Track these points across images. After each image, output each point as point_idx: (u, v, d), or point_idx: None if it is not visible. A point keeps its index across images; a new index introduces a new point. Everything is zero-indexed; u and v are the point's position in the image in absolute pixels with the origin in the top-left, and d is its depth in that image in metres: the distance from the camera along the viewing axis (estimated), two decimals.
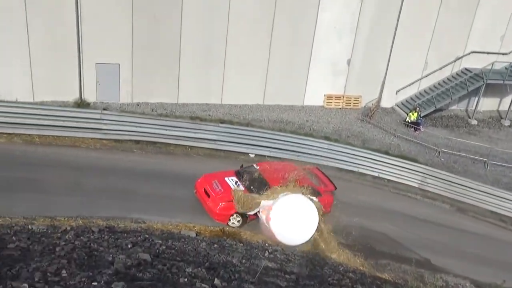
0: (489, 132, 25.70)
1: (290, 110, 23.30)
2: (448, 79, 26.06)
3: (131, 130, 18.10)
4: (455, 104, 26.91)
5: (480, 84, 25.30)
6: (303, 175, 15.42)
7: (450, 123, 25.88)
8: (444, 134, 23.82)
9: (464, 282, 15.23)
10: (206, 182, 15.07)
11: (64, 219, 12.55)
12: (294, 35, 22.60)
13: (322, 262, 13.27)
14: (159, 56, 20.93)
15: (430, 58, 25.50)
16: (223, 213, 14.38)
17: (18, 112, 17.19)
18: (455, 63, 26.06)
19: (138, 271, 8.42)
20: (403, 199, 19.11)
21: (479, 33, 25.53)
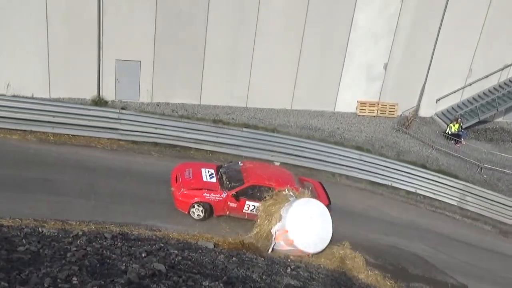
0: None
1: (320, 116, 23.25)
2: (494, 88, 25.70)
3: (150, 131, 18.26)
4: (501, 116, 26.47)
5: None
6: (291, 183, 15.10)
7: (495, 137, 25.49)
8: (487, 149, 23.48)
9: None
10: (180, 169, 15.28)
11: (76, 223, 12.70)
12: (327, 36, 22.57)
13: (349, 283, 13.15)
14: (182, 54, 21.15)
15: (475, 65, 25.12)
16: (184, 200, 14.42)
17: (33, 109, 17.51)
18: (503, 71, 25.65)
19: (152, 282, 8.50)
20: (440, 217, 18.83)
21: None
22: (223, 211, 14.80)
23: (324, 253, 14.64)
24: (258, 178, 14.90)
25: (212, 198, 14.51)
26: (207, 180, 14.93)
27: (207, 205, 14.53)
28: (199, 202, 14.47)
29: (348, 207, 17.44)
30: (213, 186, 14.74)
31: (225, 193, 14.54)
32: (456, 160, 22.21)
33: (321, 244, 14.17)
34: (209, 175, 15.14)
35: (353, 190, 19.02)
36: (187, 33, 20.90)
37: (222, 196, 14.51)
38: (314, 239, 14.05)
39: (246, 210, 14.73)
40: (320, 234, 14.15)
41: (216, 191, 14.58)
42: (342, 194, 18.30)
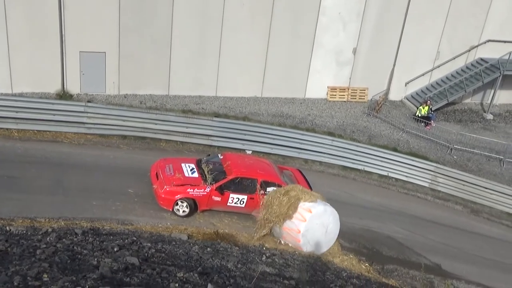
0: (506, 128, 25.80)
1: (290, 103, 23.35)
2: (462, 70, 26.11)
3: (118, 124, 18.09)
4: (469, 97, 27.00)
5: (496, 76, 25.37)
6: (273, 173, 15.39)
7: (463, 118, 25.97)
8: (457, 130, 23.85)
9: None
10: (159, 166, 15.14)
11: (45, 220, 12.54)
12: (295, 22, 22.62)
13: (324, 267, 13.33)
14: (149, 44, 20.92)
15: (442, 47, 25.55)
16: (167, 197, 14.27)
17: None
18: (469, 53, 26.12)
19: (125, 275, 8.48)
20: (412, 199, 19.17)
21: (496, 21, 25.60)
22: (208, 206, 14.77)
23: None
24: (240, 170, 14.93)
25: (196, 194, 14.39)
26: (189, 175, 14.78)
27: (191, 201, 14.46)
28: (183, 198, 14.36)
29: (321, 193, 17.61)
30: (196, 181, 14.60)
31: (209, 187, 14.44)
32: (426, 142, 22.60)
33: (324, 246, 14.60)
34: (191, 170, 15.00)
35: (326, 175, 19.21)
36: (153, 23, 20.65)
37: (206, 191, 14.42)
38: (319, 243, 14.43)
39: (230, 203, 14.78)
40: (326, 239, 14.57)
41: (199, 186, 14.44)
42: (315, 180, 18.40)
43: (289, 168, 17.20)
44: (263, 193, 14.77)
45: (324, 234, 14.36)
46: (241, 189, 14.72)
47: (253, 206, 14.89)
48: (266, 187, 14.82)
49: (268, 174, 15.26)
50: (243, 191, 14.72)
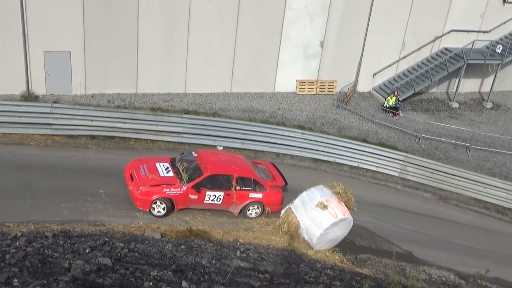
0: (471, 115, 26.38)
1: (260, 98, 23.41)
2: (427, 60, 26.60)
3: (86, 124, 17.87)
4: (435, 86, 27.53)
5: (460, 65, 25.90)
6: (248, 168, 15.51)
7: (430, 107, 26.43)
8: (424, 119, 24.22)
9: (448, 274, 15.62)
10: (134, 166, 14.99)
11: (14, 225, 12.29)
12: (262, 16, 22.65)
13: (298, 260, 13.46)
14: (115, 42, 20.66)
15: (408, 38, 25.95)
16: (144, 198, 14.13)
17: None
18: (434, 43, 26.61)
19: (98, 276, 8.41)
20: (383, 189, 19.46)
21: (459, 11, 26.12)
22: (185, 205, 14.70)
23: (275, 233, 14.97)
24: (216, 167, 14.93)
25: (172, 193, 14.29)
26: (165, 175, 14.65)
27: (168, 200, 14.37)
28: (160, 198, 14.25)
29: (293, 186, 17.69)
30: (171, 180, 14.49)
31: (185, 186, 14.37)
32: (395, 132, 22.95)
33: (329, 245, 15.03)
34: (166, 170, 14.86)
35: (298, 169, 19.31)
36: (118, 21, 20.41)
37: (182, 190, 14.34)
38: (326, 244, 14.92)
39: (207, 200, 14.73)
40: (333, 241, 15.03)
41: (175, 185, 14.34)
42: (287, 173, 18.49)
43: (263, 162, 17.30)
44: (239, 189, 14.84)
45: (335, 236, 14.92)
46: (217, 186, 14.70)
47: (230, 202, 14.95)
48: (242, 183, 14.89)
49: (243, 169, 15.32)
50: (220, 188, 14.71)
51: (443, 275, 15.54)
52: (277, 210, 15.69)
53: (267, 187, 15.41)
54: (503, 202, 20.12)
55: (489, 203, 20.19)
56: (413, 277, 14.06)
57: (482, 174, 20.56)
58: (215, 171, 14.76)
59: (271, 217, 15.65)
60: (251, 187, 15.13)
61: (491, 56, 26.37)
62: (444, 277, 15.45)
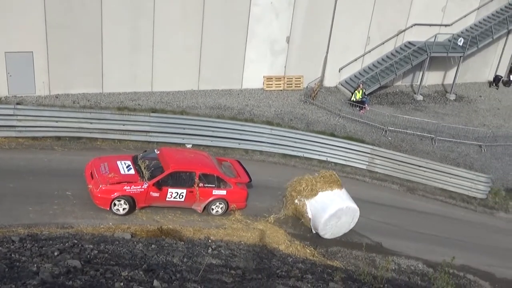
0: (435, 107, 26.92)
1: (228, 95, 23.39)
2: (391, 54, 27.07)
3: (51, 125, 17.53)
4: (400, 80, 28.03)
5: (423, 58, 26.45)
6: (211, 165, 15.45)
7: (395, 100, 26.85)
8: (390, 112, 24.60)
9: (417, 263, 15.97)
10: (94, 165, 14.80)
11: None
12: (228, 13, 22.63)
13: (270, 255, 13.54)
14: (78, 41, 20.34)
15: (372, 33, 26.34)
16: (104, 196, 13.94)
17: None
18: (397, 37, 27.05)
19: (67, 279, 8.31)
20: (351, 182, 19.58)
21: (421, 5, 26.65)
22: (146, 203, 14.53)
23: (246, 229, 15.03)
24: (178, 164, 14.83)
25: (133, 191, 14.11)
26: (125, 172, 14.45)
27: (129, 198, 14.17)
28: (120, 196, 14.04)
29: (263, 182, 17.79)
30: (132, 178, 14.29)
31: (146, 183, 14.21)
32: (362, 126, 23.24)
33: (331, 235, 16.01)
34: (127, 167, 14.67)
35: (267, 164, 19.38)
36: (81, 20, 20.09)
37: (143, 187, 14.17)
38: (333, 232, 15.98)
39: (169, 198, 14.62)
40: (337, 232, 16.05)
41: (136, 183, 14.15)
42: (257, 169, 18.56)
43: (228, 159, 17.27)
44: (202, 186, 14.78)
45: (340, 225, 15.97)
46: (179, 183, 14.60)
47: (193, 199, 14.88)
48: (205, 179, 14.84)
49: (206, 166, 15.25)
50: (182, 185, 14.62)
51: (412, 264, 15.88)
52: (241, 206, 15.74)
53: (231, 184, 15.32)
54: (467, 191, 20.55)
55: (454, 192, 20.57)
56: (383, 268, 14.32)
57: (447, 165, 21.00)
58: (177, 168, 14.64)
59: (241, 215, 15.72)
60: (214, 184, 15.05)
61: (453, 49, 27.01)
62: (413, 266, 15.79)
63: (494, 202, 20.62)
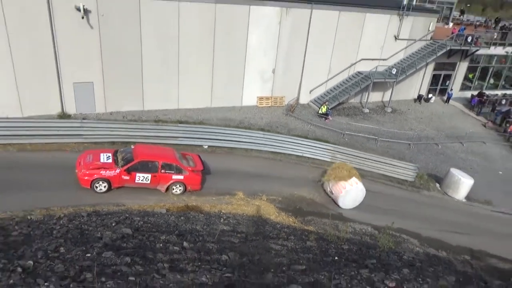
0: (377, 117, 26.95)
1: (232, 110, 23.31)
2: (346, 80, 27.04)
3: (107, 134, 17.40)
4: (352, 98, 28.03)
5: (369, 83, 26.48)
6: (172, 157, 14.69)
7: (350, 112, 26.86)
8: (346, 121, 24.64)
9: (367, 227, 15.96)
10: (83, 156, 14.39)
11: (58, 209, 11.94)
12: (230, 52, 22.59)
13: (264, 223, 13.52)
14: (125, 73, 20.24)
15: (332, 65, 26.35)
16: (85, 179, 13.48)
17: (10, 126, 16.07)
18: (350, 68, 27.10)
19: (122, 242, 8.27)
20: (319, 171, 19.62)
21: (366, 45, 26.72)
22: (119, 184, 13.91)
23: (247, 205, 14.96)
24: (144, 155, 14.20)
25: (108, 174, 13.60)
26: (104, 161, 13.94)
27: (106, 180, 13.65)
28: (98, 178, 13.54)
29: (258, 172, 17.78)
30: (109, 165, 13.80)
31: (119, 169, 13.71)
32: (327, 131, 23.22)
33: (348, 204, 16.95)
34: (106, 158, 14.12)
35: (260, 159, 19.29)
36: (127, 58, 19.99)
37: (116, 172, 13.67)
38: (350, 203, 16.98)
39: (137, 180, 14.01)
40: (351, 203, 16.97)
41: (111, 169, 13.68)
42: (253, 163, 18.62)
43: (191, 154, 16.33)
44: (163, 172, 14.26)
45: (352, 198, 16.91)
46: (145, 170, 14.01)
47: (156, 182, 14.30)
48: (166, 167, 14.30)
49: (167, 158, 14.48)
50: (147, 171, 14.03)
51: (363, 228, 15.86)
52: (197, 188, 15.02)
53: (187, 171, 14.61)
54: (401, 176, 20.57)
55: (392, 177, 20.57)
56: (343, 231, 14.37)
57: (387, 157, 20.99)
58: (143, 158, 14.05)
59: (243, 195, 15.61)
60: (173, 171, 14.38)
61: (388, 76, 27.08)
62: (364, 229, 15.77)
63: (419, 184, 20.63)
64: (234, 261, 8.44)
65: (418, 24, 27.89)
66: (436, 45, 28.24)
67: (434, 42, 28.62)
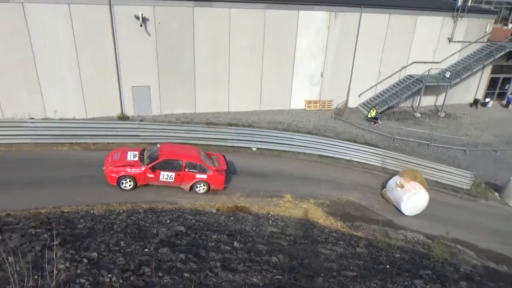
0: (430, 122, 25.63)
1: (280, 114, 23.20)
2: (396, 83, 26.01)
3: (162, 135, 17.94)
4: (403, 102, 26.89)
5: (420, 86, 25.27)
6: (197, 156, 14.46)
7: (400, 117, 25.79)
8: (396, 125, 23.69)
9: (419, 235, 15.17)
10: (111, 154, 14.46)
11: (117, 204, 12.43)
12: (280, 57, 22.51)
13: (312, 226, 13.25)
14: (179, 78, 20.80)
15: (382, 69, 25.45)
16: (112, 176, 13.49)
17: (76, 127, 17.07)
18: (401, 71, 26.02)
19: (177, 239, 8.40)
20: (369, 175, 19.04)
21: (418, 48, 25.56)
22: (144, 181, 13.86)
23: (294, 208, 14.76)
24: (169, 154, 14.12)
25: (133, 172, 13.60)
26: (131, 159, 13.95)
27: (132, 177, 13.64)
28: (124, 175, 13.55)
29: (306, 175, 17.51)
30: (134, 163, 13.80)
31: (144, 167, 13.67)
32: (376, 135, 22.45)
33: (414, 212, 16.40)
34: (133, 156, 14.12)
35: (308, 162, 19.03)
36: (181, 63, 20.54)
37: (141, 170, 13.64)
38: (412, 210, 16.40)
39: (162, 178, 13.94)
40: (416, 208, 16.35)
41: (136, 166, 13.67)
42: (301, 166, 18.37)
43: (216, 154, 16.09)
44: (187, 171, 14.10)
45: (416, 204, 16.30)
46: (169, 168, 13.89)
47: (180, 180, 14.16)
48: (190, 166, 14.13)
49: (192, 157, 14.28)
50: (172, 170, 13.92)
51: (415, 236, 15.11)
52: (220, 188, 14.65)
53: (211, 170, 14.36)
54: (456, 183, 19.41)
55: (445, 184, 19.49)
56: (394, 238, 13.74)
57: (440, 164, 19.91)
58: (167, 157, 13.94)
59: (291, 197, 15.40)
60: (197, 170, 14.18)
61: (442, 79, 25.69)
62: (416, 238, 15.01)
63: (476, 192, 19.30)
64: (284, 264, 8.30)
65: (473, 26, 26.24)
66: (494, 47, 26.38)
67: (492, 44, 26.76)
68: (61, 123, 17.14)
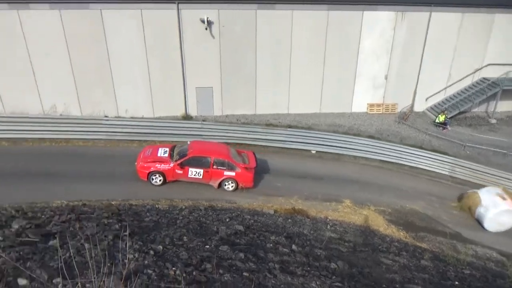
0: (507, 129, 23.46)
1: (341, 116, 22.67)
2: (469, 87, 24.13)
3: (223, 135, 18.34)
4: (477, 107, 24.89)
5: (497, 90, 23.24)
6: (226, 154, 14.33)
7: (473, 123, 23.98)
8: (468, 132, 22.09)
9: (491, 252, 13.97)
10: (143, 150, 14.62)
11: (179, 200, 12.89)
12: (342, 58, 21.94)
13: (372, 234, 12.74)
14: (241, 80, 21.12)
15: (453, 71, 23.75)
16: (142, 171, 13.66)
17: (144, 125, 18.05)
18: (474, 74, 24.11)
19: (236, 238, 8.49)
20: (435, 184, 17.94)
21: (494, 49, 23.52)
22: (173, 177, 13.97)
23: (354, 213, 14.31)
24: (198, 151, 14.12)
25: (162, 168, 13.75)
26: (161, 155, 14.11)
27: (161, 173, 13.78)
28: (154, 171, 13.73)
29: (366, 180, 16.91)
30: (164, 159, 13.95)
31: (172, 163, 13.78)
32: (444, 142, 21.07)
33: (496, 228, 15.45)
34: (164, 152, 14.28)
35: (369, 167, 18.41)
36: (243, 65, 20.84)
37: (170, 166, 13.76)
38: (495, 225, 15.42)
39: (190, 175, 13.96)
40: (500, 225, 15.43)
41: (166, 162, 13.80)
42: (361, 170, 17.78)
43: (246, 151, 15.90)
44: (215, 168, 14.01)
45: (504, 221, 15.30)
46: (198, 165, 13.87)
47: (209, 177, 14.11)
48: (218, 163, 14.02)
49: (221, 154, 14.21)
50: (200, 166, 13.89)
51: (487, 252, 13.92)
52: (249, 186, 14.45)
53: (239, 168, 14.22)
54: None
55: None
56: (463, 253, 12.76)
57: None
58: (196, 153, 13.93)
59: (350, 203, 14.96)
60: (225, 167, 14.07)
61: None
62: (488, 254, 13.82)
63: None
64: (343, 271, 8.03)
65: None
66: None
67: None
68: (132, 121, 18.20)
